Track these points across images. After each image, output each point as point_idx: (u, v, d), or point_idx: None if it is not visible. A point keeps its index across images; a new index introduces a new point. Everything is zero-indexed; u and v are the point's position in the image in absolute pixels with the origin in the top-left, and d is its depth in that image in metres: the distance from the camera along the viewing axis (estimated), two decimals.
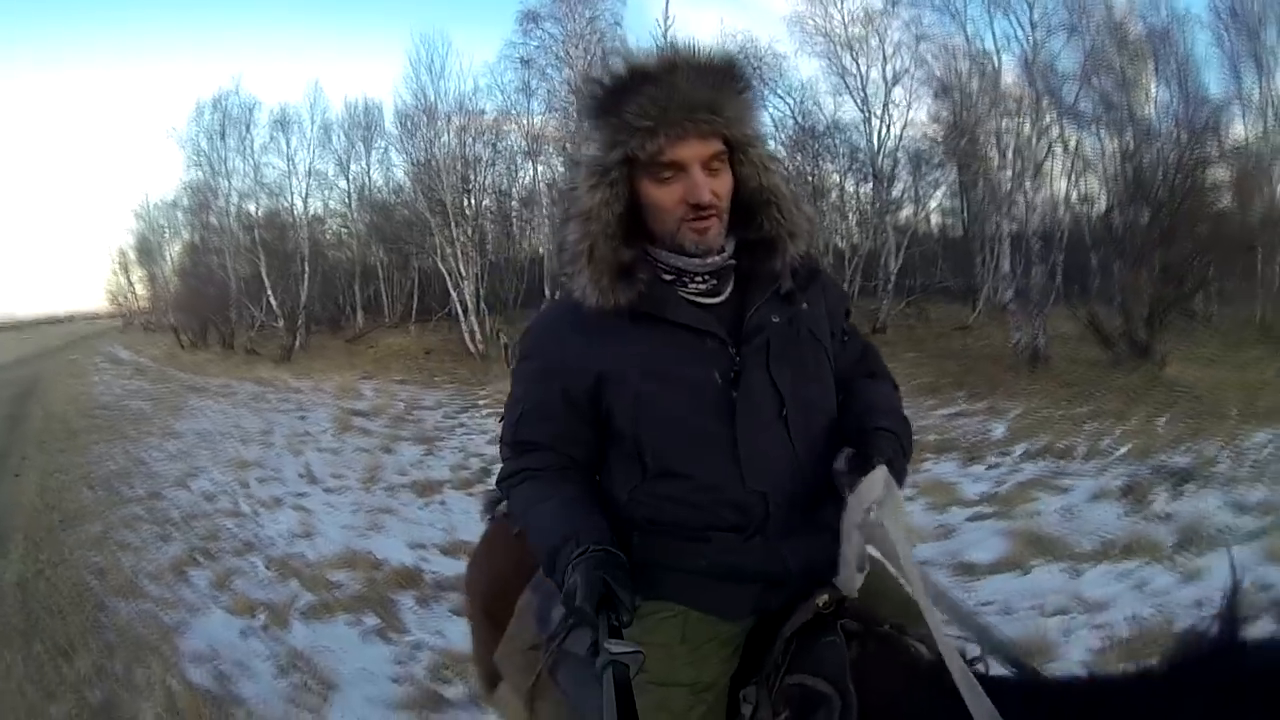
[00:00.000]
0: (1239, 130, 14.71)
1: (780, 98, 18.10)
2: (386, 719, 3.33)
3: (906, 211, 19.40)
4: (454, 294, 19.00)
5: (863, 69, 16.22)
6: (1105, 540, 4.73)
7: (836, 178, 19.72)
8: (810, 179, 18.96)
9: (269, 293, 22.99)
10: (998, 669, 1.30)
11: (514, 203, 24.43)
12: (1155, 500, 5.32)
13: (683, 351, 1.40)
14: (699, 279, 1.43)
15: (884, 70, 16.00)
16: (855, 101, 16.50)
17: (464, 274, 18.44)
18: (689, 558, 1.42)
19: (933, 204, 20.97)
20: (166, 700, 3.58)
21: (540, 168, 21.58)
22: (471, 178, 20.82)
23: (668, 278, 1.43)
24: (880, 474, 1.30)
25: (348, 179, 24.73)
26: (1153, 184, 11.53)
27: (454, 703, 3.38)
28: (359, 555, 5.27)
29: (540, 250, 21.36)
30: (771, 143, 18.47)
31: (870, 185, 17.28)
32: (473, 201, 21.22)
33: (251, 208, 24.53)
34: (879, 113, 16.17)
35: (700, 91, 1.30)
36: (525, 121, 19.29)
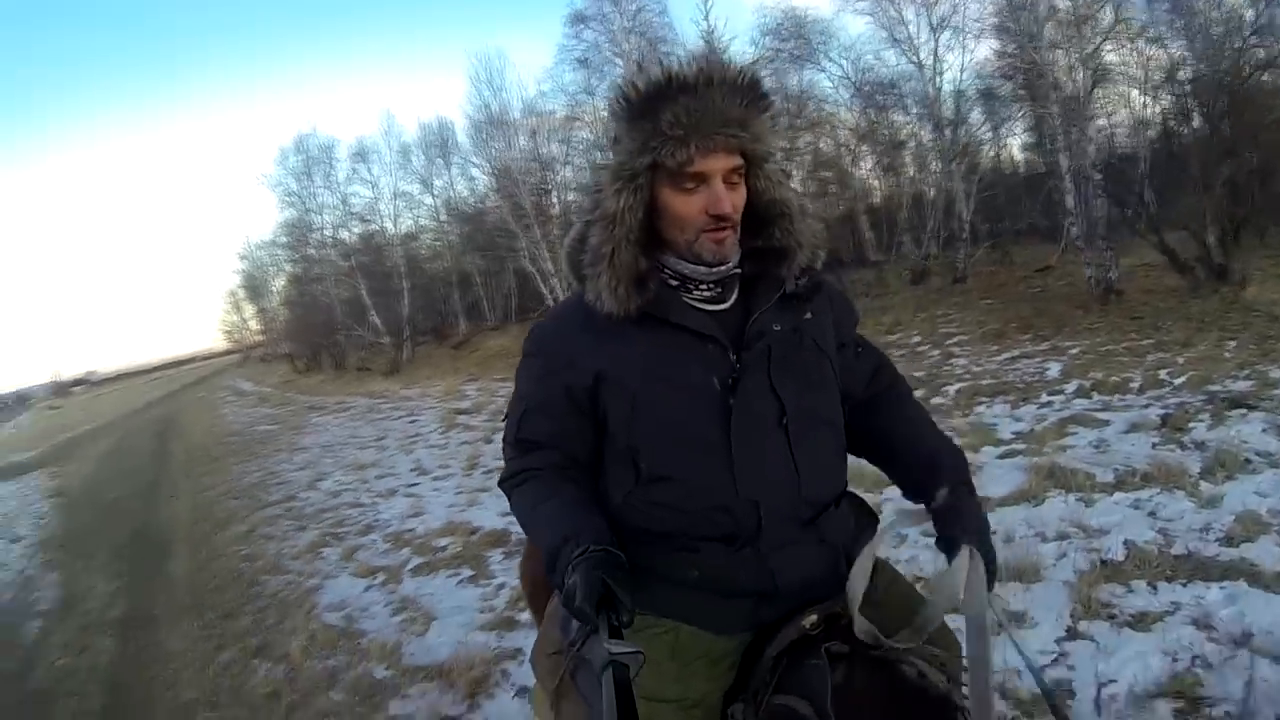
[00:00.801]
0: None
1: (834, 62, 18.35)
2: (473, 638, 4.26)
3: (989, 153, 19.47)
4: (545, 290, 20.01)
5: (908, 17, 16.34)
6: (1127, 470, 4.73)
7: (911, 128, 19.76)
8: (885, 134, 19.21)
9: (371, 312, 24.54)
10: None
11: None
12: (1195, 429, 5.26)
13: (683, 355, 1.43)
14: (704, 286, 1.46)
15: (930, 16, 16.07)
16: (905, 52, 16.64)
17: (551, 271, 19.42)
18: (679, 569, 1.44)
19: (1015, 142, 20.91)
20: (309, 638, 4.63)
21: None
22: (549, 178, 21.80)
23: (673, 283, 1.46)
24: (962, 559, 1.34)
25: (432, 194, 26.07)
26: (1208, 95, 11.41)
27: (525, 624, 4.26)
28: (458, 525, 6.28)
29: None
30: (837, 107, 18.93)
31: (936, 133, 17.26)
32: (556, 199, 22.22)
33: (345, 235, 26.26)
34: (929, 60, 16.26)
35: (732, 107, 1.33)
36: (593, 118, 19.93)
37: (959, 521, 1.43)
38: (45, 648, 5.70)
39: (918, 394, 1.85)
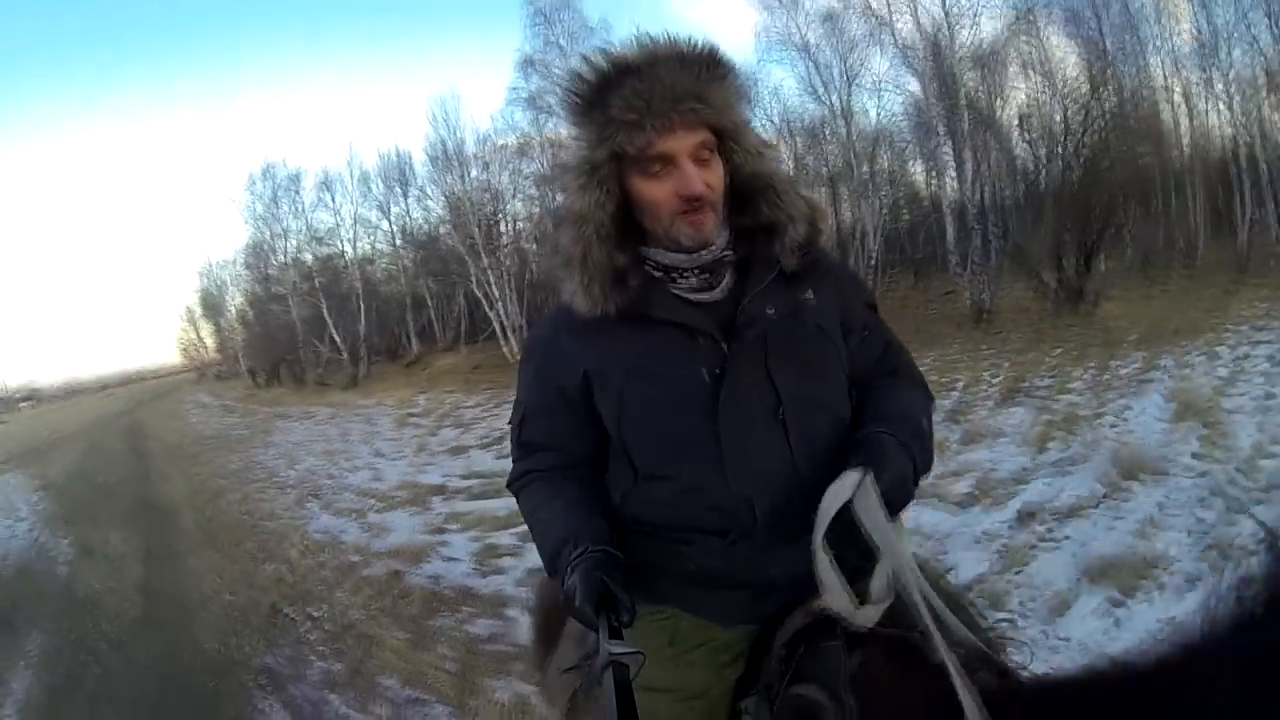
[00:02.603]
0: (1158, 75, 16.64)
1: (761, 106, 20.03)
2: (416, 537, 6.43)
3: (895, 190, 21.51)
4: (492, 315, 21.96)
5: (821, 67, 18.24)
6: None
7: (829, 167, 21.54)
8: (808, 173, 21.00)
9: (331, 330, 26.55)
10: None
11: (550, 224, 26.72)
12: (977, 414, 6.94)
13: (669, 350, 1.37)
14: (689, 274, 1.39)
15: (844, 66, 17.93)
16: (821, 99, 18.42)
17: (497, 296, 21.36)
18: (676, 561, 1.42)
19: (918, 178, 22.88)
20: (303, 548, 6.81)
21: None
22: (500, 208, 23.62)
23: (657, 274, 1.40)
24: (851, 477, 1.24)
25: (390, 220, 28.00)
26: (1063, 139, 13.23)
27: (453, 529, 6.48)
28: (409, 483, 8.49)
29: None
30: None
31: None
32: (505, 228, 24.02)
33: (308, 258, 28.31)
34: (841, 106, 18.14)
35: (683, 81, 1.27)
36: (540, 152, 21.60)
37: (859, 451, 1.31)
38: (80, 579, 7.69)
39: None
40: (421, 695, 3.84)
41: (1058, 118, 14.03)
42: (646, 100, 1.26)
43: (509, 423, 1.67)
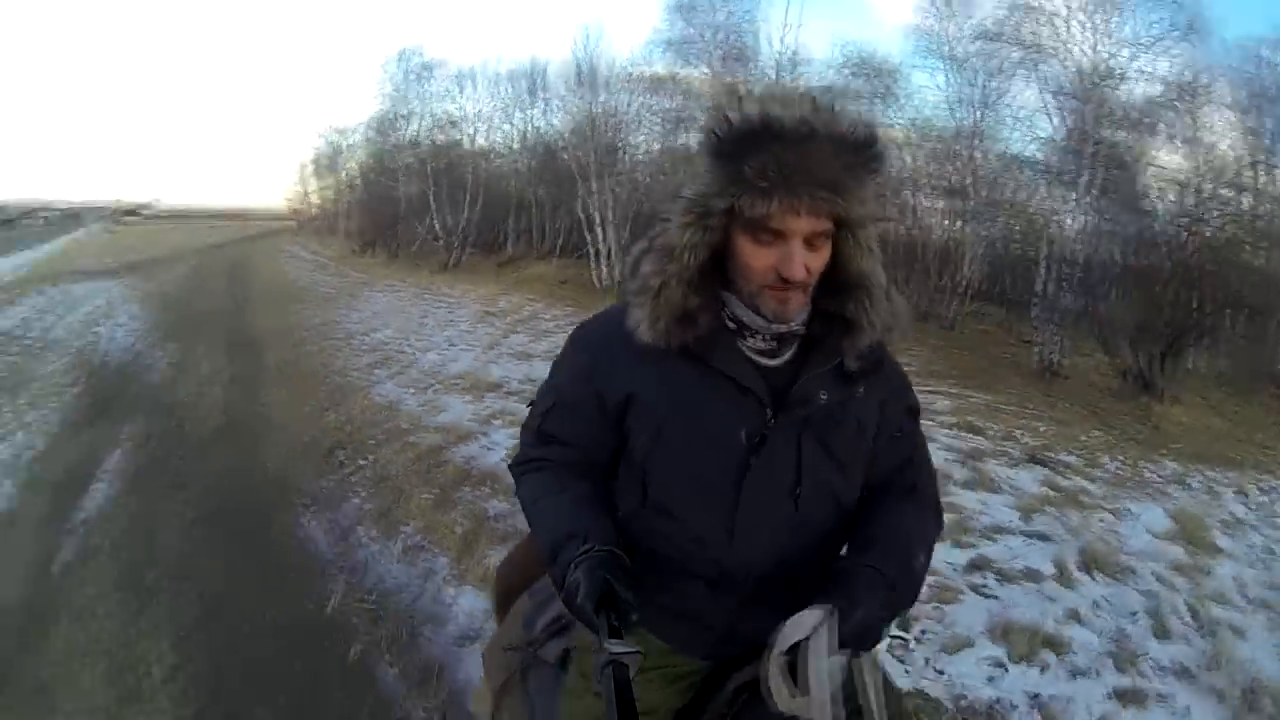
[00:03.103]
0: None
1: (904, 108, 19.06)
2: (465, 421, 7.20)
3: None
4: (589, 237, 22.22)
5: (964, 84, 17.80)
6: None
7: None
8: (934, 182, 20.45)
9: (434, 214, 27.41)
10: None
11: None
12: (992, 466, 6.71)
13: (719, 402, 1.39)
14: (760, 337, 1.40)
15: (987, 88, 17.41)
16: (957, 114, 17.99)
17: (598, 220, 21.76)
18: (658, 589, 1.44)
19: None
20: (364, 406, 7.67)
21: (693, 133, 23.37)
22: (621, 136, 23.50)
23: (731, 326, 1.40)
24: (813, 617, 1.22)
25: (513, 124, 28.66)
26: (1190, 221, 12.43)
27: (499, 422, 7.23)
28: (471, 374, 9.25)
29: None
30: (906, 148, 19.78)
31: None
32: (624, 156, 23.84)
33: (427, 142, 29.18)
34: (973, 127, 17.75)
35: (829, 169, 1.23)
36: (674, 90, 21.58)
37: (832, 586, 1.29)
38: (169, 389, 8.83)
39: None
40: (430, 545, 4.63)
41: (1190, 200, 13.28)
42: (786, 175, 1.22)
43: (529, 404, 1.65)
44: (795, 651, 1.20)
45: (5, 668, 3.42)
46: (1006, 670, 3.61)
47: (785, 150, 1.20)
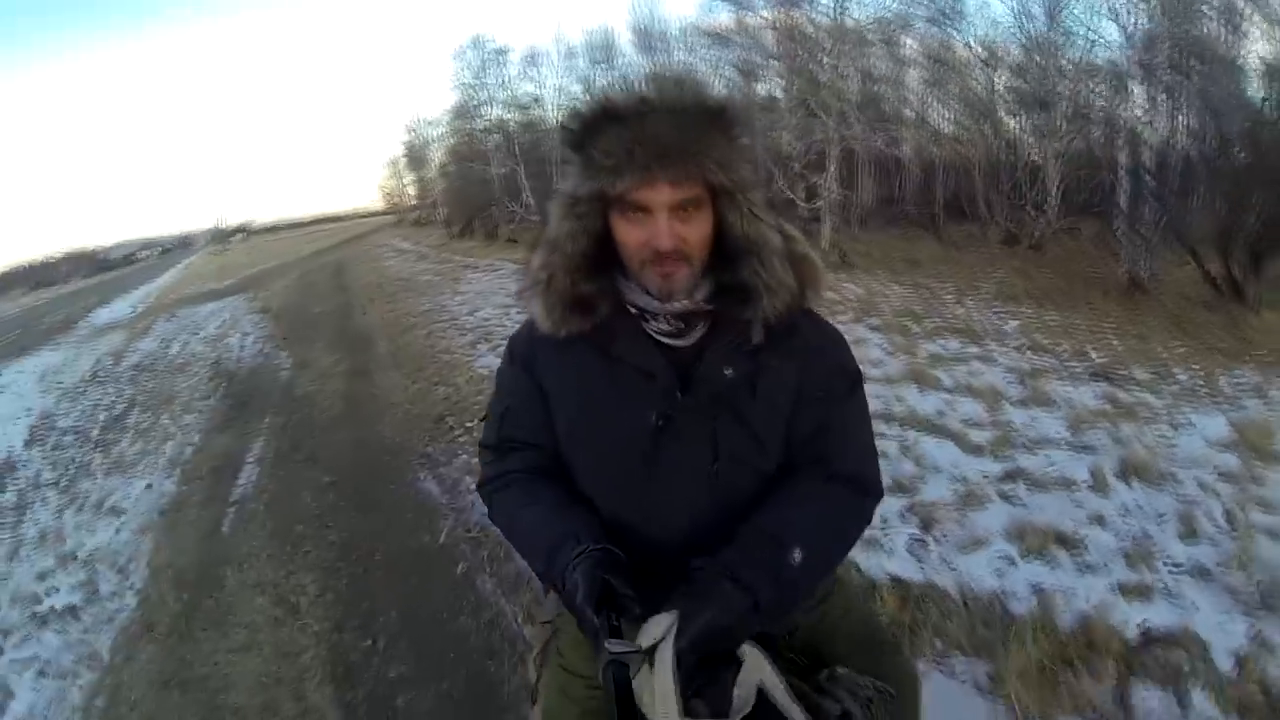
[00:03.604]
0: None
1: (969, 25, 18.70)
2: None
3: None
4: None
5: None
6: (963, 386, 6.64)
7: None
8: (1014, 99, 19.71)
9: (525, 192, 28.19)
10: None
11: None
12: (1051, 384, 6.57)
13: (624, 388, 1.43)
14: (663, 319, 1.43)
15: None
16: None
17: None
18: None
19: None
20: (469, 378, 8.45)
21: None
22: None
23: (633, 310, 1.44)
24: (663, 622, 1.22)
25: (591, 94, 28.92)
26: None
27: None
28: None
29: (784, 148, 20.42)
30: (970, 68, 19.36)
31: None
32: None
33: (510, 124, 30.09)
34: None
35: (674, 135, 1.27)
36: (742, 39, 21.60)
37: (685, 589, 1.29)
38: (296, 383, 9.86)
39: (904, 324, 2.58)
40: None
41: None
42: (628, 150, 1.27)
43: (482, 419, 1.70)
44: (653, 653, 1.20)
45: (197, 598, 4.48)
46: (1016, 565, 3.75)
47: (625, 128, 1.28)
